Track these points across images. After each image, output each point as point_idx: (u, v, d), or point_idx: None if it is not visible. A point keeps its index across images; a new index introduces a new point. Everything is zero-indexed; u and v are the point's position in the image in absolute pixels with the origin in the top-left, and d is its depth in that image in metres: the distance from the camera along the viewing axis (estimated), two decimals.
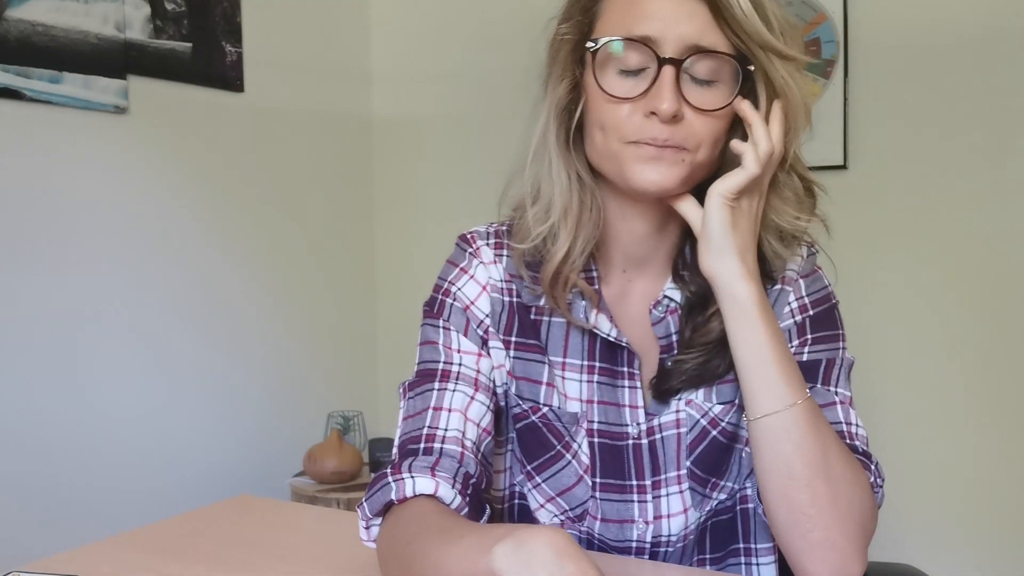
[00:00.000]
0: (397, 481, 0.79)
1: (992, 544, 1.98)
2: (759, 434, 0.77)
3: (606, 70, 0.80)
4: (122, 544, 0.94)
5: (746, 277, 0.78)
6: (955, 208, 1.97)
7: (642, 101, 0.78)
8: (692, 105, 0.77)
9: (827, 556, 0.75)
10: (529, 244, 0.87)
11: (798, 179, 0.85)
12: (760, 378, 0.77)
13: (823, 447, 0.76)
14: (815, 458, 0.75)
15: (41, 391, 1.84)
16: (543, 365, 0.90)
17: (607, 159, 0.82)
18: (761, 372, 0.77)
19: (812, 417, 0.76)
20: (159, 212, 2.08)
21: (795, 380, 0.77)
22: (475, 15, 2.52)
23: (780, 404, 0.76)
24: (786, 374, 0.77)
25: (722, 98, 0.79)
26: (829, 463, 0.75)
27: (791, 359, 0.78)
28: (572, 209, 0.85)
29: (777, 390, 0.76)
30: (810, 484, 0.75)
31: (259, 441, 2.34)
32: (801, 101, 0.81)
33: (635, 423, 0.89)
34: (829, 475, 0.75)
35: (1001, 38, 1.90)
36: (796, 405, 0.76)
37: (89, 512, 1.90)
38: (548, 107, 0.85)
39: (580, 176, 0.86)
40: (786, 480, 0.76)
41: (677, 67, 0.76)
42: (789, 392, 0.76)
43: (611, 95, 0.79)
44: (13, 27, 1.76)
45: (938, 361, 2.01)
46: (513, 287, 0.92)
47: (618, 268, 0.91)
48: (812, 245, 0.92)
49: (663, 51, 0.77)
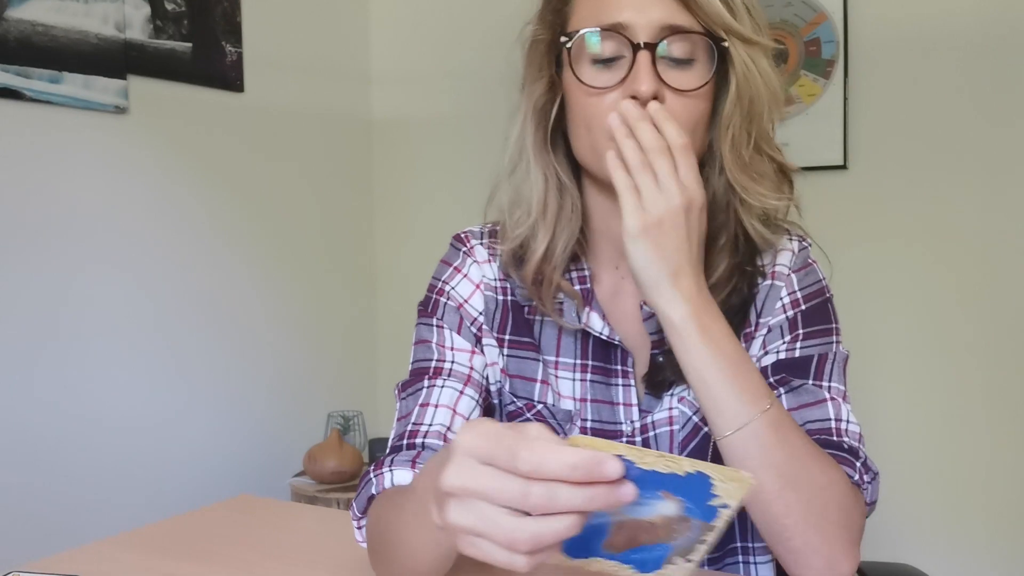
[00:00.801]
0: (377, 476, 0.81)
1: (992, 544, 1.98)
2: (725, 452, 0.76)
3: (582, 64, 0.80)
4: (122, 544, 0.94)
5: (678, 300, 0.75)
6: (954, 208, 1.97)
7: (621, 88, 0.79)
8: (671, 86, 0.78)
9: (811, 561, 0.75)
10: (509, 245, 0.88)
11: (769, 160, 0.85)
12: (711, 399, 0.75)
13: (789, 456, 0.74)
14: (782, 470, 0.73)
15: (41, 391, 1.84)
16: (537, 363, 0.91)
17: (593, 155, 0.82)
18: (711, 394, 0.75)
19: (773, 430, 0.74)
20: (159, 212, 2.08)
21: (749, 397, 0.74)
22: (475, 15, 2.52)
23: (735, 424, 0.74)
24: (737, 394, 0.74)
25: (699, 77, 0.79)
26: (797, 472, 0.74)
27: (746, 374, 0.75)
28: (550, 209, 0.86)
29: (729, 412, 0.74)
30: (781, 495, 0.73)
31: (259, 441, 2.34)
32: (764, 85, 0.81)
33: (629, 420, 0.89)
34: (799, 484, 0.73)
35: (1001, 38, 1.90)
36: (752, 422, 0.73)
37: (89, 512, 1.90)
38: (525, 108, 0.86)
39: (559, 176, 0.87)
40: (758, 493, 0.74)
41: (652, 51, 0.77)
42: (743, 411, 0.74)
43: (591, 86, 0.79)
44: (13, 27, 1.76)
45: (937, 360, 2.01)
46: (507, 286, 0.92)
47: (610, 265, 0.91)
48: (804, 239, 0.92)
49: (636, 37, 0.77)
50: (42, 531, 1.80)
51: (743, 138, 0.82)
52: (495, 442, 0.50)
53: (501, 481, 0.49)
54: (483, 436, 0.51)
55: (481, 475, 0.50)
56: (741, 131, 0.82)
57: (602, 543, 0.56)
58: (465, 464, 0.51)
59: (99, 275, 1.95)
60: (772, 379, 0.85)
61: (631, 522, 0.55)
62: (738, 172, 0.82)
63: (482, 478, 0.50)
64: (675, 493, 0.52)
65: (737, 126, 0.81)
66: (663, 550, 0.56)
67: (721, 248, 0.85)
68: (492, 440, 0.50)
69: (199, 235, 2.18)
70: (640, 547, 0.56)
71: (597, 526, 0.55)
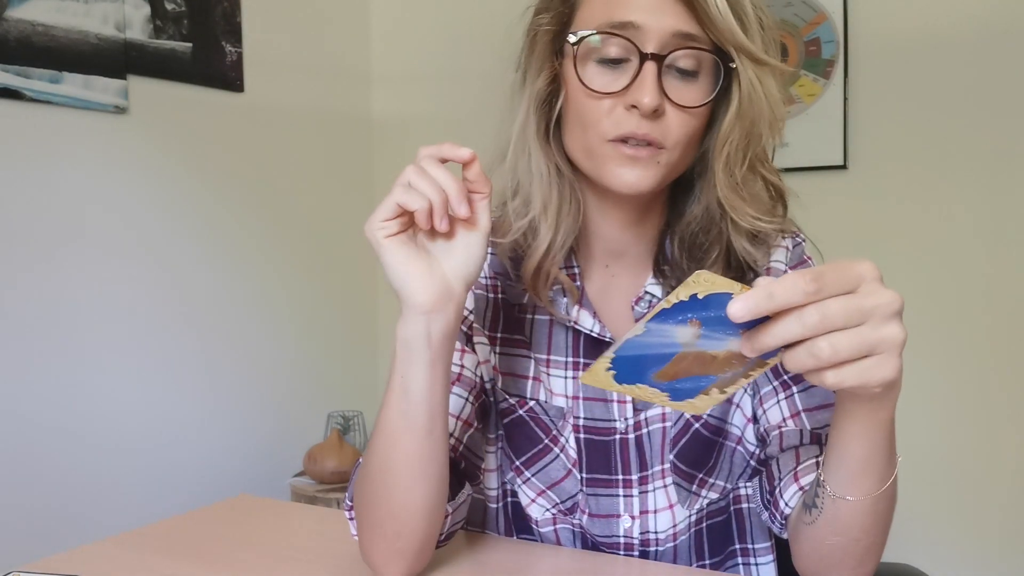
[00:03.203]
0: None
1: (992, 544, 1.98)
2: (849, 512, 0.70)
3: (587, 62, 0.79)
4: (122, 544, 0.93)
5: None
6: (954, 208, 1.97)
7: (623, 96, 0.78)
8: (673, 101, 0.77)
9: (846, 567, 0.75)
10: (510, 239, 0.87)
11: (763, 182, 0.84)
12: (869, 463, 0.68)
13: (891, 502, 0.72)
14: (886, 516, 0.72)
15: (41, 391, 1.84)
16: (528, 360, 0.91)
17: (585, 156, 0.82)
18: (873, 458, 0.68)
19: (893, 483, 0.69)
20: (159, 212, 2.08)
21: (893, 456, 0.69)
22: (475, 15, 2.52)
23: (883, 484, 0.68)
24: (890, 455, 0.69)
25: (703, 93, 0.78)
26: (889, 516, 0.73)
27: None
28: (552, 203, 0.85)
29: (883, 473, 0.68)
30: (869, 536, 0.72)
31: (259, 441, 2.34)
32: (768, 108, 0.79)
33: (623, 417, 0.89)
34: (887, 525, 0.73)
35: (1001, 38, 1.90)
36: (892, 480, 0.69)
37: (89, 512, 1.90)
38: (527, 100, 0.85)
39: (560, 169, 0.85)
40: (850, 542, 0.72)
41: (659, 62, 0.76)
42: (888, 472, 0.68)
43: (593, 90, 0.78)
44: (13, 27, 1.76)
45: (937, 361, 2.00)
46: (498, 284, 0.92)
47: (600, 263, 0.91)
48: (797, 235, 0.91)
49: (645, 44, 0.76)
50: (42, 531, 1.80)
51: (738, 157, 0.80)
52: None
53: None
54: None
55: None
56: (737, 150, 0.80)
57: (655, 372, 0.57)
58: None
59: (99, 274, 1.95)
60: (786, 376, 0.85)
61: (696, 354, 0.56)
62: (728, 191, 0.81)
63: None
64: (748, 328, 0.54)
65: (734, 145, 0.80)
66: (707, 381, 0.58)
67: (713, 262, 0.84)
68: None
69: (199, 235, 2.18)
70: (687, 378, 0.58)
71: (660, 355, 0.56)
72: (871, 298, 0.54)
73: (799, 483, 0.79)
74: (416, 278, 0.69)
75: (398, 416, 0.73)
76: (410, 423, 0.73)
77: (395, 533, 0.76)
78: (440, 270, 0.70)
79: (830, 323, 0.53)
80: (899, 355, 0.55)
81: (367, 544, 0.79)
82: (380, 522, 0.77)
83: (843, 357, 0.53)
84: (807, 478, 0.79)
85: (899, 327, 0.55)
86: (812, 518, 0.73)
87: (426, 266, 0.69)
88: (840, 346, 0.53)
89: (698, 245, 0.86)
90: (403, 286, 0.69)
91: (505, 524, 0.94)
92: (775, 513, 0.82)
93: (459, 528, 0.87)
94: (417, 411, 0.72)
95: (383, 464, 0.75)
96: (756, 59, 0.77)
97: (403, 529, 0.76)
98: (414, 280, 0.69)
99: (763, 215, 0.83)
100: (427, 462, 0.74)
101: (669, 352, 0.56)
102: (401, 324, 0.71)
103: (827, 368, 0.54)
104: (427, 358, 0.71)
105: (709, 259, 0.85)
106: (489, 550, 0.90)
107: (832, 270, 0.53)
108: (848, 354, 0.53)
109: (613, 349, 0.56)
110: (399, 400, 0.72)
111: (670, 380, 0.58)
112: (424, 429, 0.73)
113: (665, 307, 0.53)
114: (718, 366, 0.57)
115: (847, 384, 0.54)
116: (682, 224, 0.87)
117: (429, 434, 0.73)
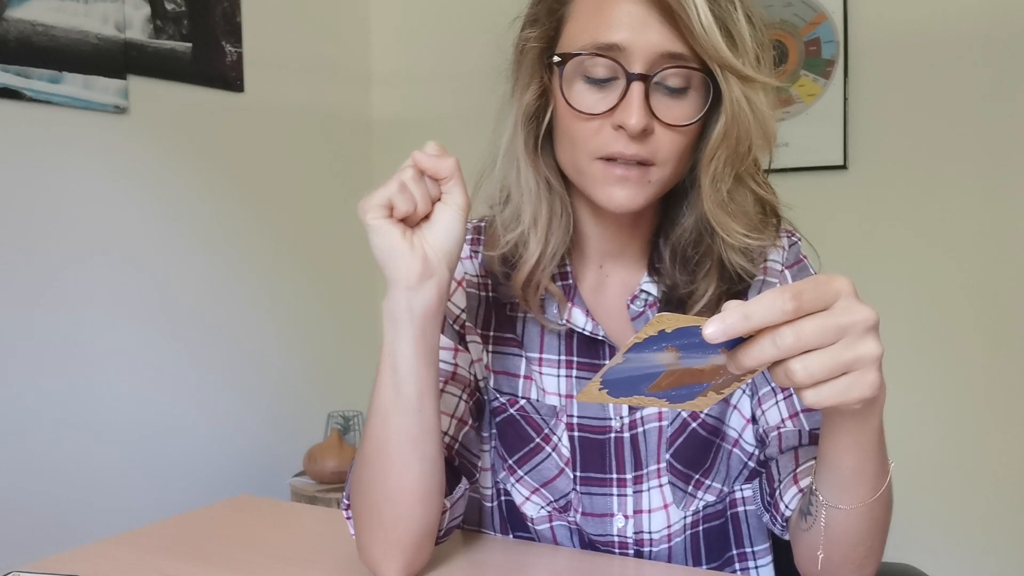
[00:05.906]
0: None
1: (992, 544, 1.98)
2: (847, 521, 0.70)
3: (574, 81, 0.79)
4: (122, 544, 0.94)
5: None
6: (955, 208, 1.97)
7: (611, 117, 0.77)
8: (661, 120, 0.77)
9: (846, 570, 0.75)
10: (499, 252, 0.87)
11: (752, 197, 0.83)
12: (858, 473, 0.69)
13: (888, 511, 0.73)
14: (883, 522, 0.73)
15: (41, 392, 1.84)
16: (520, 359, 0.91)
17: (575, 173, 0.82)
18: (862, 468, 0.69)
19: (888, 489, 0.70)
20: (159, 212, 2.08)
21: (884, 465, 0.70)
22: (475, 15, 2.52)
23: (875, 493, 0.69)
24: (882, 463, 0.70)
25: (693, 109, 0.78)
26: (887, 519, 0.73)
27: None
28: (542, 217, 0.85)
29: (876, 482, 0.69)
30: (867, 542, 0.72)
31: (259, 441, 2.34)
32: (756, 124, 0.77)
33: (619, 416, 0.89)
34: (885, 529, 0.73)
35: (1001, 38, 1.90)
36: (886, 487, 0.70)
37: (89, 512, 1.90)
38: (516, 115, 0.85)
39: (550, 183, 0.85)
40: (848, 548, 0.72)
41: (646, 82, 0.75)
42: (880, 481, 0.69)
43: (580, 111, 0.78)
44: (13, 27, 1.76)
45: (938, 360, 2.01)
46: (489, 282, 0.92)
47: (593, 263, 0.91)
48: (793, 234, 0.91)
49: (632, 64, 0.75)
50: (42, 531, 1.80)
51: (725, 173, 0.79)
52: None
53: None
54: None
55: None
56: (724, 167, 0.79)
57: (647, 387, 0.59)
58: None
59: (99, 275, 1.95)
60: None
61: (682, 370, 0.57)
62: (714, 207, 0.80)
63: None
64: (728, 347, 0.55)
65: (721, 161, 0.79)
66: (701, 388, 0.59)
67: (707, 274, 0.84)
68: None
69: (199, 235, 2.18)
70: (682, 387, 0.59)
71: (648, 374, 0.57)
72: (846, 315, 0.54)
73: (799, 485, 0.79)
74: (399, 254, 0.72)
75: (389, 393, 0.75)
76: (401, 400, 0.75)
77: (392, 520, 0.77)
78: (421, 249, 0.73)
79: (804, 343, 0.53)
80: (877, 370, 0.56)
81: (365, 539, 0.80)
82: (377, 508, 0.77)
83: (818, 378, 0.54)
84: (807, 480, 0.79)
85: (875, 343, 0.55)
86: (808, 525, 0.73)
87: (408, 244, 0.73)
88: (814, 368, 0.53)
89: (688, 258, 0.86)
90: (387, 263, 0.73)
91: (501, 523, 0.94)
92: (776, 515, 0.82)
93: (457, 525, 0.87)
94: (407, 387, 0.75)
95: (378, 445, 0.77)
96: (743, 76, 0.75)
97: (399, 515, 0.76)
98: (397, 256, 0.72)
99: (751, 231, 0.82)
100: (419, 441, 0.76)
101: (656, 372, 0.56)
102: (386, 300, 0.74)
103: (805, 388, 0.54)
104: (412, 332, 0.74)
105: (701, 272, 0.84)
106: (486, 550, 0.90)
107: (810, 287, 0.53)
108: (823, 375, 0.54)
109: (600, 375, 0.57)
110: (389, 376, 0.75)
111: (664, 390, 0.59)
112: (414, 406, 0.75)
113: (637, 342, 0.53)
114: (708, 375, 0.58)
115: (826, 403, 0.55)
116: (675, 232, 0.87)
117: (419, 412, 0.75)
